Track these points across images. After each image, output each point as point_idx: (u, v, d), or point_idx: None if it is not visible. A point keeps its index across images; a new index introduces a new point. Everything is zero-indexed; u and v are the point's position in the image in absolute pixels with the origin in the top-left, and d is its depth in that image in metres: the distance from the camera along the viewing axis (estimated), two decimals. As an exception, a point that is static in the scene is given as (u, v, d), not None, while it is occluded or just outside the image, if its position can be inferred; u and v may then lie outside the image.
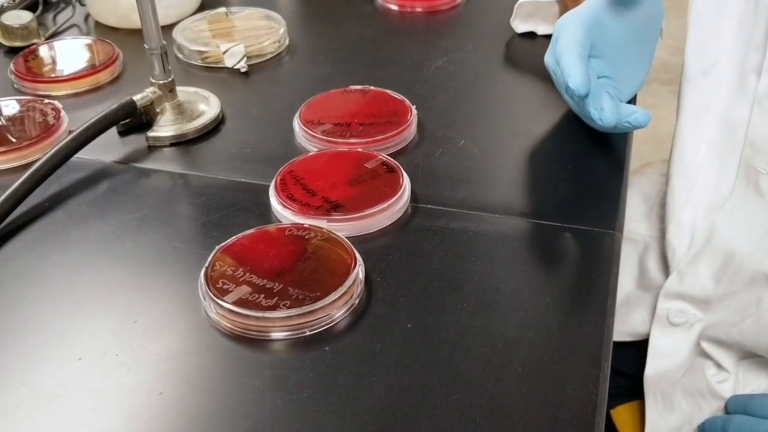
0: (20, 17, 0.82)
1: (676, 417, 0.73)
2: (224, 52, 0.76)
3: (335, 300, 0.46)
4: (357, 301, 0.47)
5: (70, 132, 0.59)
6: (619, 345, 0.72)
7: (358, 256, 0.49)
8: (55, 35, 0.85)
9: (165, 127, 0.65)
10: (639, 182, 0.84)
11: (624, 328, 0.79)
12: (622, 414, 0.82)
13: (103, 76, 0.75)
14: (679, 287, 0.71)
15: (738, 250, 0.66)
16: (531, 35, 0.81)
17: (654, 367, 0.73)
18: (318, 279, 0.47)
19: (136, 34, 0.71)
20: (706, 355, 0.71)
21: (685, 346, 0.72)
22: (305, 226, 0.52)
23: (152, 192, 0.60)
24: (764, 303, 0.67)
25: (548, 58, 0.62)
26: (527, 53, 0.78)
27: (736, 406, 0.68)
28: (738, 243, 0.66)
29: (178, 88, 0.67)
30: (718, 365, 0.71)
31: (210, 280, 0.47)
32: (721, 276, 0.68)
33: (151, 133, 0.65)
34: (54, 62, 0.77)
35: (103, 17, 0.87)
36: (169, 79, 0.65)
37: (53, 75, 0.74)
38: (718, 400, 0.71)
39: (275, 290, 0.46)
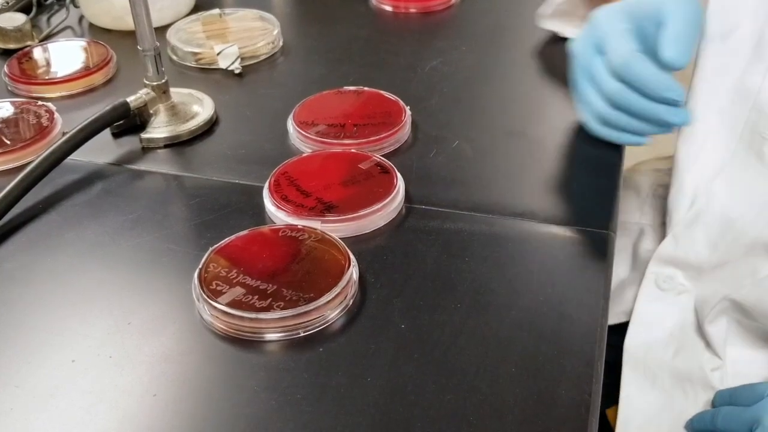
0: (14, 19, 0.82)
1: (656, 396, 0.70)
2: (218, 54, 0.76)
3: (329, 301, 0.46)
4: (351, 302, 0.48)
5: (64, 134, 0.59)
6: (614, 328, 0.71)
7: (352, 256, 0.49)
8: (49, 37, 0.85)
9: (159, 129, 0.65)
10: (633, 179, 0.84)
11: (618, 308, 0.77)
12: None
13: (97, 78, 0.75)
14: (673, 252, 0.70)
15: (738, 217, 0.65)
16: (527, 36, 0.81)
17: (636, 335, 0.71)
18: (312, 280, 0.47)
19: (130, 35, 0.70)
20: (698, 334, 0.70)
21: (670, 318, 0.71)
22: (299, 227, 0.52)
23: (146, 193, 0.60)
24: (760, 273, 0.66)
25: (581, 42, 0.61)
26: (521, 54, 0.79)
27: (722, 399, 0.68)
28: (738, 210, 0.65)
29: (172, 90, 0.67)
30: (710, 347, 0.70)
31: (204, 282, 0.47)
32: (717, 243, 0.67)
33: (144, 135, 0.65)
34: (48, 64, 0.77)
35: (97, 19, 0.87)
36: (163, 81, 0.66)
37: (47, 77, 0.74)
38: (707, 390, 0.70)
39: (269, 291, 0.46)
